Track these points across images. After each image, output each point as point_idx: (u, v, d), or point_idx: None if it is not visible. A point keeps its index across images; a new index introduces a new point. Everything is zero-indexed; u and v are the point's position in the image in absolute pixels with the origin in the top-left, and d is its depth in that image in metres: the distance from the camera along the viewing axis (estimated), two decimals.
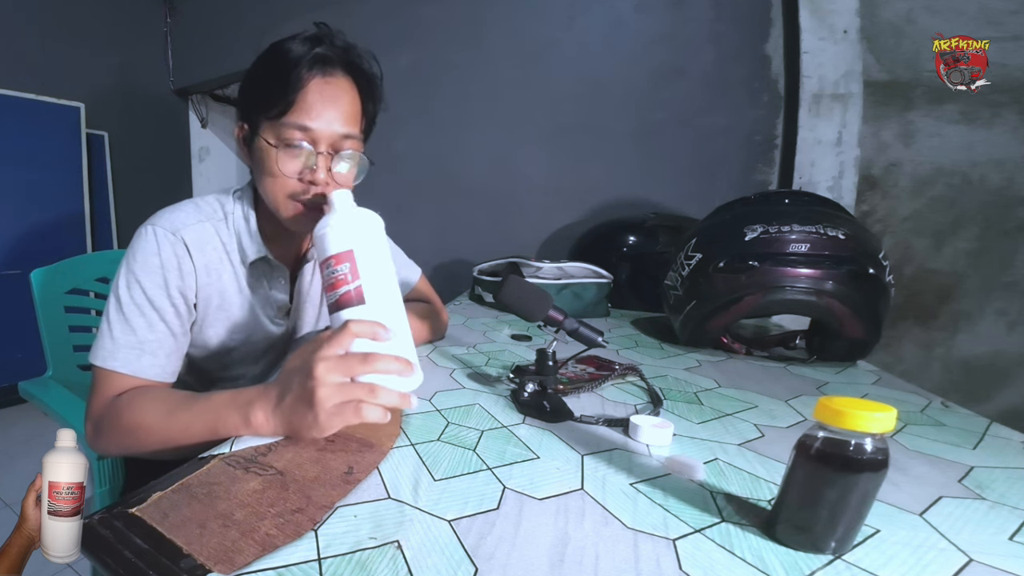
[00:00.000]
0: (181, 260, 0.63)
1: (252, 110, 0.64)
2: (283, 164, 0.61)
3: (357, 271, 0.51)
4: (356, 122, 0.65)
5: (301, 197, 0.63)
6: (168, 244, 0.63)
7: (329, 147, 0.62)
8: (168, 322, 0.63)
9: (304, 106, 0.60)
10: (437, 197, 2.05)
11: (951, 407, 0.64)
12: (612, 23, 1.62)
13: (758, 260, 0.77)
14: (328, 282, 0.52)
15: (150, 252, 0.62)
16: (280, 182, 0.62)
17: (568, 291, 1.17)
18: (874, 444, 0.31)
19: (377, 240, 0.54)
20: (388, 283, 0.53)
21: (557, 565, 0.32)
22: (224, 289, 0.69)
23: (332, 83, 0.62)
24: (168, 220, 0.65)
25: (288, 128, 0.60)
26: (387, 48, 2.09)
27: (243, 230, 0.69)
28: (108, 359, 0.59)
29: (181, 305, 0.64)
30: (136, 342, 0.60)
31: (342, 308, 0.51)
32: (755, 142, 1.45)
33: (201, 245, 0.65)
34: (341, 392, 0.46)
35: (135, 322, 0.60)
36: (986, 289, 1.23)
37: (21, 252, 2.37)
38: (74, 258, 1.09)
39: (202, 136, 3.25)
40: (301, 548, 0.34)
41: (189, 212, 0.67)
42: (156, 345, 0.61)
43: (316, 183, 0.62)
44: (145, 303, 0.61)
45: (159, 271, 0.62)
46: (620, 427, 0.53)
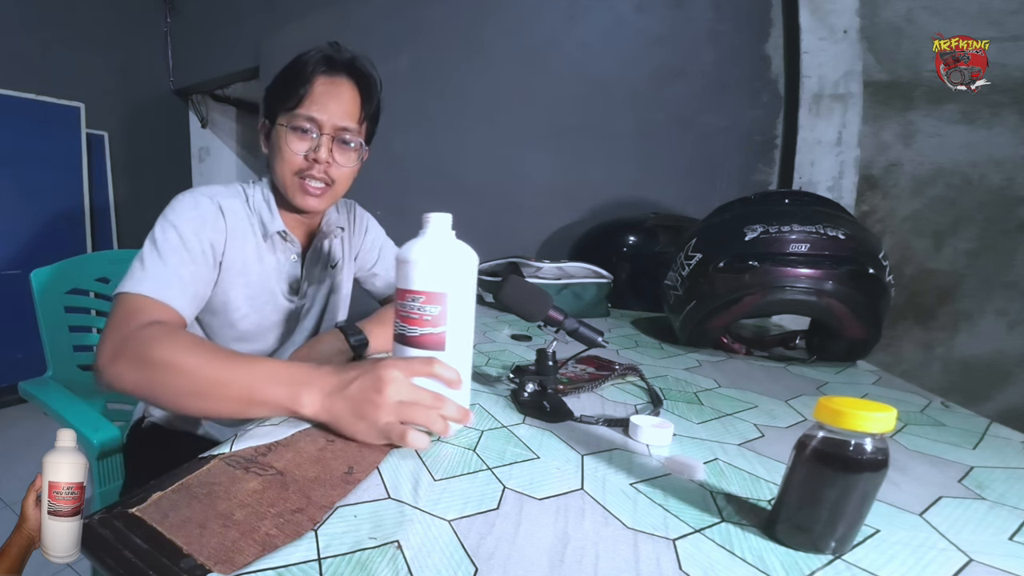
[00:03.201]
0: (216, 218, 0.72)
1: (272, 106, 0.76)
2: (292, 143, 0.73)
3: (446, 317, 0.48)
4: (355, 118, 0.76)
5: (305, 174, 0.74)
6: (207, 202, 0.72)
7: (331, 134, 0.74)
8: (198, 264, 0.68)
9: (312, 99, 0.72)
10: (437, 197, 2.05)
11: (951, 407, 0.64)
12: (612, 23, 1.62)
13: (758, 260, 0.77)
14: (407, 314, 0.50)
15: (189, 206, 0.70)
16: (289, 160, 0.74)
17: (568, 291, 1.17)
18: (874, 444, 0.31)
19: (471, 283, 0.51)
20: (469, 330, 0.51)
21: (557, 565, 0.32)
22: (247, 256, 0.77)
23: (336, 83, 0.74)
24: (205, 189, 0.75)
25: (298, 117, 0.73)
26: (388, 48, 2.09)
27: (263, 208, 0.79)
28: (136, 286, 0.61)
29: (210, 255, 0.71)
30: (167, 274, 0.64)
31: (418, 348, 0.49)
32: (755, 142, 1.45)
33: (233, 212, 0.75)
34: (402, 409, 0.46)
35: (168, 258, 0.65)
36: (986, 289, 1.23)
37: (21, 252, 2.37)
38: (74, 258, 1.09)
39: (202, 136, 3.25)
40: (301, 548, 0.34)
41: (220, 187, 0.77)
42: (184, 281, 0.65)
43: (319, 161, 0.73)
44: (179, 244, 0.66)
45: (197, 219, 0.70)
46: (620, 427, 0.53)
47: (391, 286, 0.98)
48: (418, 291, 0.49)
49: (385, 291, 0.99)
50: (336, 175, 0.76)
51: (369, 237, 0.97)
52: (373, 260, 0.97)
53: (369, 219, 0.98)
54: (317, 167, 0.73)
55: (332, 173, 0.75)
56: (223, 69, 2.77)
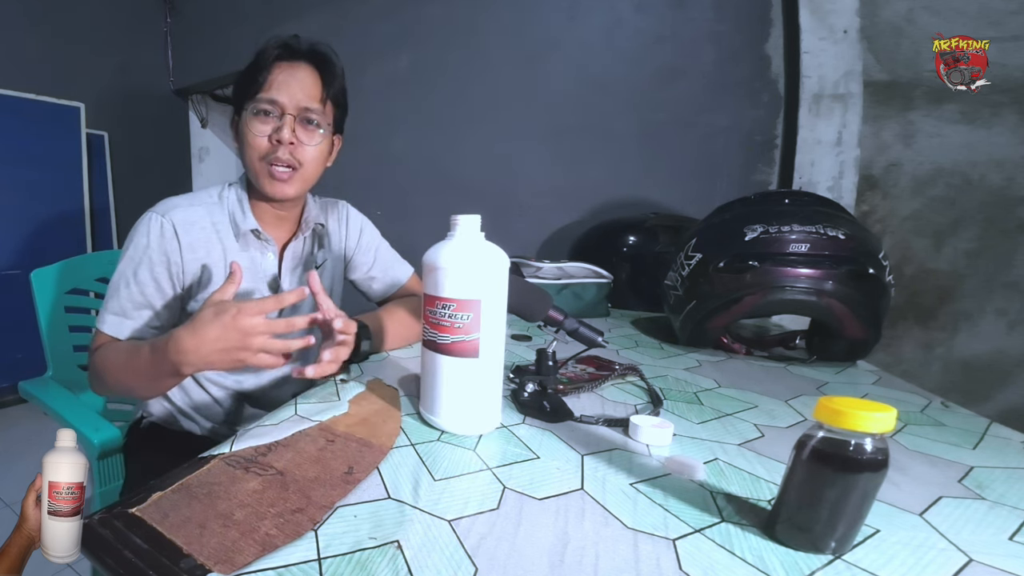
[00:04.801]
0: (167, 240, 0.74)
1: (238, 99, 0.77)
2: (254, 127, 0.74)
3: (479, 324, 0.47)
4: (317, 98, 0.75)
5: (271, 157, 0.74)
6: (157, 226, 0.74)
7: (294, 114, 0.74)
8: (147, 295, 0.74)
9: (272, 83, 0.73)
10: (437, 197, 2.05)
11: (951, 407, 0.64)
12: (612, 23, 1.62)
13: (758, 260, 0.77)
14: (438, 321, 0.48)
15: (141, 233, 0.74)
16: (253, 144, 0.74)
17: (568, 291, 1.17)
18: (874, 444, 0.31)
19: (504, 287, 0.50)
20: (501, 334, 0.50)
21: (557, 565, 0.32)
22: (212, 264, 0.77)
23: (295, 66, 0.75)
24: (163, 205, 0.77)
25: (260, 101, 0.73)
26: (386, 48, 2.09)
27: (236, 208, 0.80)
28: (100, 322, 0.74)
29: (164, 280, 0.75)
30: (119, 308, 0.74)
31: (449, 355, 0.48)
32: (755, 142, 1.45)
33: (188, 225, 0.76)
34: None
35: (121, 292, 0.74)
36: (986, 289, 1.23)
37: (21, 252, 2.37)
38: (74, 258, 1.09)
39: (202, 136, 3.24)
40: (301, 548, 0.34)
41: (183, 198, 0.79)
42: (136, 313, 0.74)
43: (282, 142, 0.73)
44: (131, 277, 0.74)
45: (144, 249, 0.73)
46: (620, 427, 0.53)
47: (389, 288, 0.96)
48: (449, 299, 0.47)
49: (383, 294, 0.97)
50: (302, 157, 0.75)
51: (364, 240, 0.94)
52: (369, 264, 0.95)
53: (363, 221, 0.96)
54: (281, 148, 0.73)
55: (298, 155, 0.74)
56: (223, 69, 2.76)
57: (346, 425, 0.54)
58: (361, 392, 0.64)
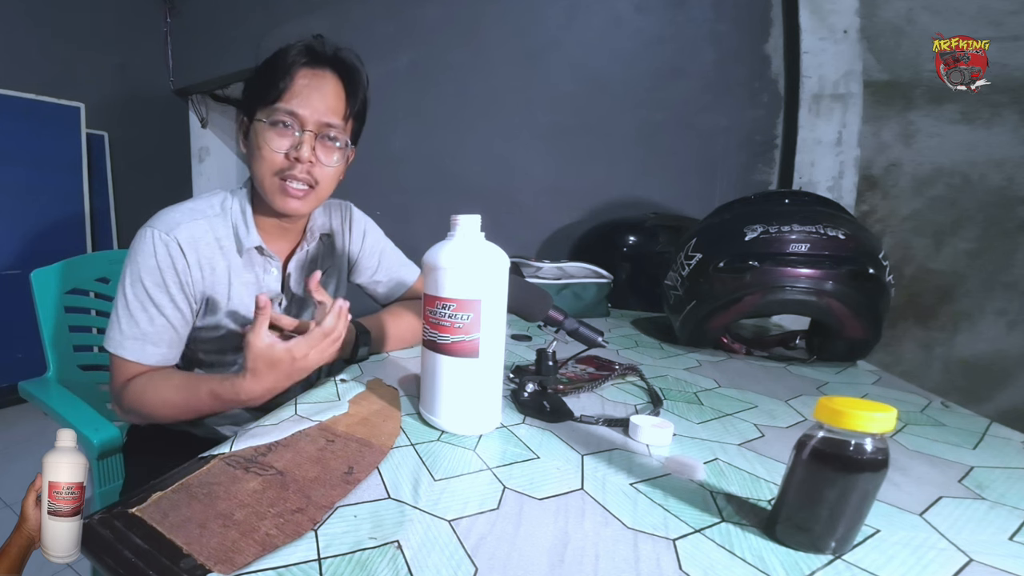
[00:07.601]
0: (175, 259, 0.69)
1: (251, 102, 0.70)
2: (271, 141, 0.68)
3: (479, 324, 0.47)
4: (340, 114, 0.71)
5: (286, 174, 0.69)
6: (163, 245, 0.69)
7: (315, 131, 0.69)
8: (168, 316, 0.70)
9: (293, 93, 0.67)
10: (437, 197, 2.05)
11: (951, 407, 0.64)
12: (612, 23, 1.62)
13: (758, 260, 0.77)
14: (438, 322, 0.48)
15: (148, 254, 0.69)
16: (268, 159, 0.68)
17: (568, 291, 1.17)
18: (874, 444, 0.31)
19: (504, 286, 0.50)
20: (502, 334, 0.50)
21: (557, 565, 0.32)
22: (218, 281, 0.74)
23: (319, 75, 0.69)
24: (163, 221, 0.70)
25: (278, 112, 0.67)
26: (386, 48, 2.09)
27: (239, 221, 0.75)
28: (118, 348, 0.68)
29: (180, 299, 0.70)
30: (140, 334, 0.68)
31: (449, 355, 0.48)
32: (755, 142, 1.45)
33: (193, 242, 0.71)
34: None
35: (138, 316, 0.68)
36: (986, 289, 1.23)
37: (21, 252, 2.36)
38: (74, 258, 1.09)
39: (202, 136, 3.24)
40: (301, 548, 0.34)
41: (184, 212, 0.72)
42: (157, 336, 0.69)
43: (301, 160, 0.68)
44: (146, 299, 0.68)
45: (156, 271, 0.68)
46: (620, 427, 0.53)
47: (395, 291, 0.95)
48: (449, 299, 0.47)
49: (388, 297, 0.96)
50: (320, 176, 0.70)
51: (368, 242, 0.92)
52: (374, 267, 0.93)
53: (367, 223, 0.93)
54: (299, 167, 0.68)
55: (315, 174, 0.69)
56: (223, 69, 2.76)
57: (346, 425, 0.54)
58: (361, 392, 0.64)
